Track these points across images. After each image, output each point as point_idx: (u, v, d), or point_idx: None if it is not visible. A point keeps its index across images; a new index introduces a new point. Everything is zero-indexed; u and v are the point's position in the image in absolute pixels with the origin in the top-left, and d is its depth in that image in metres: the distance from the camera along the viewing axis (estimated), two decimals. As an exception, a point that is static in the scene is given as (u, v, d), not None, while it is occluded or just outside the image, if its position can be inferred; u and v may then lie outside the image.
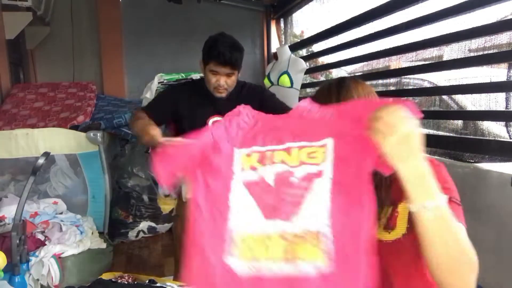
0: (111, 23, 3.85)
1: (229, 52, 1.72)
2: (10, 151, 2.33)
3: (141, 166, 2.92)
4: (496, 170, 1.66)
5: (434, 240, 0.67)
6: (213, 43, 1.75)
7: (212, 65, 1.74)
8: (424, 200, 0.67)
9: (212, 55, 1.72)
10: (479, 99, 1.94)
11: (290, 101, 3.13)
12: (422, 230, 0.68)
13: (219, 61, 1.71)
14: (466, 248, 0.68)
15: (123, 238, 2.70)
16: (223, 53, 1.70)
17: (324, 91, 0.96)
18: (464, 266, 0.67)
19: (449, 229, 0.67)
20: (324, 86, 0.98)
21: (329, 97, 0.92)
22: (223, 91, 1.79)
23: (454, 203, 0.76)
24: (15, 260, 1.58)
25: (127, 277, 1.48)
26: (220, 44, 1.73)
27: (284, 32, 4.37)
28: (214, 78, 1.76)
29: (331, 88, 0.94)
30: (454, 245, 0.67)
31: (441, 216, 0.66)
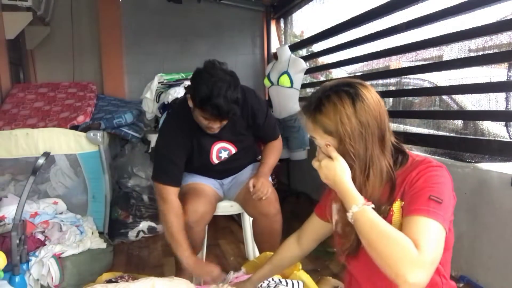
0: (111, 23, 3.85)
1: (226, 103, 1.46)
2: (10, 151, 2.33)
3: (141, 166, 2.92)
4: (496, 170, 1.66)
5: (360, 236, 0.86)
6: (207, 92, 1.45)
7: (204, 114, 1.52)
8: (347, 211, 0.88)
9: (206, 109, 1.48)
10: (479, 99, 1.94)
11: (290, 101, 3.14)
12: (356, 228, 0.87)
13: (214, 114, 1.50)
14: (391, 241, 0.79)
15: (123, 238, 2.70)
16: (218, 107, 1.46)
17: (310, 99, 0.98)
18: (394, 255, 0.78)
19: (367, 228, 0.84)
20: (314, 94, 0.99)
21: (308, 107, 0.96)
22: (216, 131, 1.63)
23: (432, 201, 0.85)
24: (15, 260, 1.58)
25: (127, 277, 1.48)
26: (216, 94, 1.45)
27: (284, 32, 4.37)
28: (205, 122, 1.56)
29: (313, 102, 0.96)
30: (371, 236, 0.82)
31: (356, 220, 0.86)
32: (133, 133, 2.77)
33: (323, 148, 0.95)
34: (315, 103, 0.95)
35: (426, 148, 2.20)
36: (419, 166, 0.93)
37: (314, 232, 1.21)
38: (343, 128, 0.90)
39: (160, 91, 2.89)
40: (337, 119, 0.90)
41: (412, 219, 0.84)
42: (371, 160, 0.91)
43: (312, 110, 0.95)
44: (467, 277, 1.79)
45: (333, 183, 0.92)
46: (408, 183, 0.91)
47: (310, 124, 0.96)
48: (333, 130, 0.91)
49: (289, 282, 1.36)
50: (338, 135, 0.91)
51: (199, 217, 1.69)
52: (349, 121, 0.90)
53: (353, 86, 0.93)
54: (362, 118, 0.90)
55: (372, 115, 0.91)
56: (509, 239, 1.60)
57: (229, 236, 2.75)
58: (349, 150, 0.90)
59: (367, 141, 0.91)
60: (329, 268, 2.17)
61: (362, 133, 0.90)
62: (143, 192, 2.83)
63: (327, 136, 0.93)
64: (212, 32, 4.20)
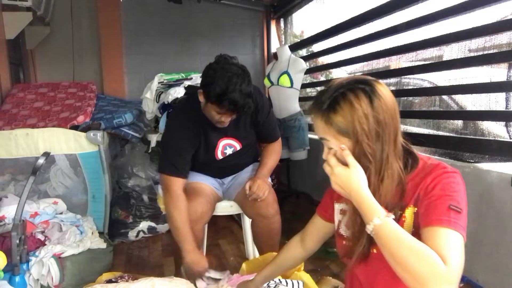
0: (111, 23, 3.85)
1: (241, 97, 1.49)
2: (10, 151, 2.33)
3: (141, 166, 2.92)
4: (496, 170, 1.66)
5: (382, 249, 0.82)
6: (222, 84, 1.47)
7: (219, 109, 1.53)
8: (367, 223, 0.84)
9: (223, 104, 1.49)
10: (479, 99, 1.94)
11: (290, 101, 3.14)
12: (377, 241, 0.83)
13: (231, 109, 1.51)
14: (420, 257, 0.75)
15: (123, 238, 2.70)
16: (235, 102, 1.48)
17: (321, 98, 0.92)
18: (423, 271, 0.74)
19: (392, 242, 0.79)
20: (324, 92, 0.92)
21: (321, 105, 0.90)
22: (226, 124, 1.65)
23: (452, 210, 0.81)
24: (15, 260, 1.58)
25: (127, 277, 1.48)
26: (232, 90, 1.47)
27: (284, 32, 4.37)
28: (218, 116, 1.58)
29: (325, 98, 0.90)
30: (397, 250, 0.78)
31: (378, 233, 0.82)
32: (133, 133, 2.77)
33: (338, 152, 0.90)
34: (329, 101, 0.88)
35: (426, 148, 2.20)
36: (433, 171, 0.89)
37: (317, 233, 1.19)
38: (361, 127, 0.85)
39: (160, 91, 2.89)
40: (354, 118, 0.85)
41: (434, 231, 0.80)
42: (386, 161, 0.88)
43: (325, 109, 0.89)
44: (467, 277, 1.79)
45: (348, 192, 0.88)
46: (423, 189, 0.87)
47: (322, 124, 0.90)
48: (349, 130, 0.86)
49: (289, 282, 1.36)
50: (354, 136, 0.86)
51: (198, 217, 1.69)
52: (367, 120, 0.85)
53: (369, 83, 0.88)
54: (379, 117, 0.86)
55: (389, 114, 0.87)
56: (509, 239, 1.60)
57: (229, 236, 2.75)
58: (367, 150, 0.86)
59: (384, 141, 0.87)
60: (329, 268, 2.17)
61: (379, 132, 0.86)
62: (143, 192, 2.83)
63: (342, 137, 0.88)
64: (212, 32, 4.21)
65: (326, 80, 3.88)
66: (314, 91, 4.04)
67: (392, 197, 0.89)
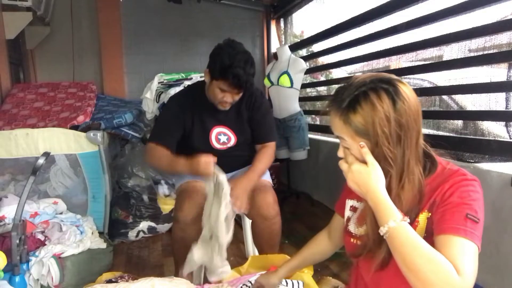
0: (111, 23, 3.85)
1: (245, 73, 1.60)
2: (10, 151, 2.33)
3: (141, 166, 2.92)
4: (496, 170, 1.66)
5: (394, 252, 0.80)
6: (227, 60, 1.58)
7: (222, 84, 1.63)
8: (381, 224, 0.82)
9: (226, 76, 1.59)
10: (479, 99, 1.94)
11: (290, 101, 3.14)
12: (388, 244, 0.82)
13: (233, 83, 1.61)
14: (434, 265, 0.74)
15: (123, 238, 2.70)
16: (239, 76, 1.58)
17: (341, 95, 0.88)
18: (435, 280, 0.73)
19: (406, 247, 0.78)
20: (345, 89, 0.89)
21: (341, 102, 0.87)
22: (227, 106, 1.73)
23: (469, 220, 0.80)
24: (15, 260, 1.58)
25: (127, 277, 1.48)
26: (236, 64, 1.58)
27: (284, 32, 4.37)
28: (221, 95, 1.66)
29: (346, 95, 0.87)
30: (410, 256, 0.76)
31: (392, 236, 0.80)
32: (133, 133, 2.77)
33: (355, 150, 0.87)
34: (349, 100, 0.85)
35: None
36: (452, 177, 0.85)
37: (340, 229, 1.16)
38: (381, 130, 0.81)
39: (160, 91, 2.89)
40: (375, 120, 0.81)
41: (449, 239, 0.78)
42: (407, 166, 0.84)
43: (344, 107, 0.85)
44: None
45: (365, 191, 0.85)
46: (440, 195, 0.84)
47: (340, 123, 0.87)
48: (368, 132, 0.83)
49: (289, 282, 1.36)
50: (374, 138, 0.83)
51: (193, 219, 1.65)
52: (388, 123, 0.81)
53: (392, 83, 0.84)
54: (402, 120, 0.82)
55: (411, 117, 0.83)
56: (509, 239, 1.60)
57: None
58: (387, 154, 0.83)
59: (405, 145, 0.83)
60: (329, 268, 2.17)
61: (401, 136, 0.82)
62: (143, 192, 2.83)
63: (359, 138, 0.85)
64: (212, 32, 4.21)
65: (326, 80, 3.88)
66: (314, 91, 4.04)
67: (411, 202, 0.87)
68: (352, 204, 1.06)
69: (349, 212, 1.06)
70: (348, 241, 1.03)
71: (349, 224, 1.04)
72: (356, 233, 1.00)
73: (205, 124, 1.78)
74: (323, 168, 3.29)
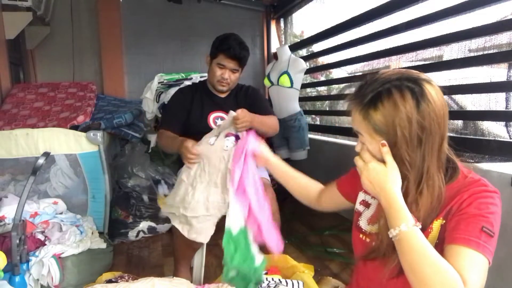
0: (111, 23, 3.85)
1: (239, 48, 1.83)
2: (10, 151, 2.33)
3: (141, 166, 2.92)
4: (496, 170, 1.66)
5: (401, 257, 0.79)
6: (224, 38, 1.85)
7: (220, 58, 1.84)
8: (392, 226, 0.80)
9: (223, 48, 1.82)
10: (479, 99, 1.94)
11: (290, 101, 3.14)
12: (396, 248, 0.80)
13: (229, 54, 1.81)
14: (441, 274, 0.72)
15: (123, 238, 2.70)
16: (234, 48, 1.81)
17: (364, 90, 0.85)
18: (434, 285, 0.72)
19: (415, 253, 0.76)
20: (369, 84, 0.85)
21: (363, 98, 0.84)
22: (225, 85, 1.90)
23: (484, 233, 0.78)
24: (15, 260, 1.58)
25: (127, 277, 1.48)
26: (232, 40, 1.83)
27: (284, 32, 4.37)
28: (220, 71, 1.86)
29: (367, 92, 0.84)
30: (418, 264, 0.75)
31: (401, 240, 0.78)
32: (133, 133, 2.77)
33: (372, 147, 0.84)
34: (371, 96, 0.81)
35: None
36: (472, 186, 0.83)
37: (331, 199, 1.16)
38: (401, 132, 0.78)
39: (160, 91, 2.89)
40: (395, 120, 0.78)
41: (460, 250, 0.76)
42: (427, 173, 0.81)
43: (365, 103, 0.82)
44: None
45: (379, 190, 0.82)
46: (458, 204, 0.81)
47: (359, 118, 0.84)
48: (388, 131, 0.80)
49: (289, 282, 1.36)
50: (393, 138, 0.80)
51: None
52: (409, 125, 0.78)
53: (419, 83, 0.80)
54: (424, 123, 0.78)
55: (436, 121, 0.80)
56: (509, 239, 1.60)
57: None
58: (405, 158, 0.80)
59: (426, 150, 0.80)
60: (329, 268, 2.17)
61: (422, 140, 0.79)
62: (143, 192, 2.83)
63: (378, 136, 0.82)
64: (212, 32, 4.15)
65: (326, 80, 3.88)
66: (314, 91, 4.04)
67: (428, 209, 0.84)
68: (364, 198, 1.02)
69: (360, 206, 1.03)
70: (357, 236, 1.01)
71: (359, 219, 1.01)
72: (366, 230, 0.98)
73: (205, 108, 1.94)
74: (323, 168, 3.29)
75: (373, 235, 0.96)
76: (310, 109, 3.99)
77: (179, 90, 2.09)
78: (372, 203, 1.00)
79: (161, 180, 2.92)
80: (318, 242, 2.57)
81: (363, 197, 1.03)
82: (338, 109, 3.56)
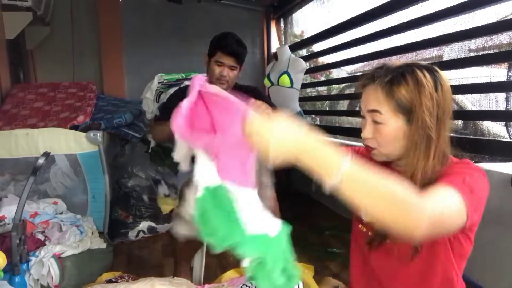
0: (111, 23, 3.85)
1: (236, 45, 1.85)
2: (10, 151, 2.33)
3: (141, 166, 2.92)
4: (496, 170, 1.66)
5: (353, 199, 0.64)
6: (222, 35, 1.88)
7: (218, 56, 1.84)
8: (328, 175, 0.63)
9: (220, 45, 1.84)
10: (479, 99, 1.94)
11: (290, 101, 3.14)
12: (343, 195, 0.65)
13: (226, 51, 1.83)
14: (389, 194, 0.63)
15: (123, 238, 2.70)
16: (231, 45, 1.83)
17: (383, 70, 0.88)
18: (394, 208, 0.64)
19: (361, 191, 0.64)
20: (385, 67, 0.88)
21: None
22: (224, 83, 1.88)
23: (466, 184, 0.76)
24: (15, 260, 1.58)
25: (127, 277, 1.48)
26: (230, 38, 1.86)
27: (284, 32, 4.37)
28: (218, 69, 1.86)
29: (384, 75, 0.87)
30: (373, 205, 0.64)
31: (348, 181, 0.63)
32: (133, 133, 2.77)
33: (390, 126, 0.85)
34: (394, 74, 0.85)
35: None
36: (460, 163, 0.87)
37: None
38: (425, 105, 0.81)
39: (160, 91, 2.89)
40: (420, 95, 0.82)
41: (437, 187, 0.73)
42: (438, 141, 0.84)
43: (389, 80, 0.84)
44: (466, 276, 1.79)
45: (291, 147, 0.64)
46: (445, 174, 0.82)
47: (381, 95, 0.85)
48: (411, 107, 0.82)
49: (289, 282, 1.36)
50: (416, 113, 0.82)
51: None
52: (432, 101, 0.82)
53: (433, 70, 0.87)
54: (440, 101, 0.84)
55: (448, 103, 0.86)
56: (509, 239, 1.60)
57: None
58: (430, 126, 0.82)
59: (441, 125, 0.85)
60: (329, 268, 2.17)
61: (439, 115, 0.84)
62: (143, 192, 2.83)
63: (399, 114, 0.84)
64: (212, 32, 4.13)
65: (326, 80, 3.88)
66: (314, 91, 4.04)
67: (427, 180, 0.83)
68: None
69: None
70: (357, 228, 1.01)
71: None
72: (364, 220, 0.98)
73: None
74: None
75: (372, 226, 0.95)
76: (310, 109, 3.99)
77: (179, 89, 2.09)
78: None
79: (161, 180, 2.92)
80: (318, 242, 2.57)
81: None
82: (338, 109, 3.56)
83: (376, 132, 0.88)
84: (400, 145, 0.87)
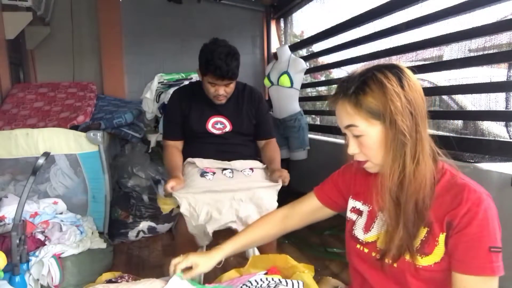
0: (111, 23, 3.85)
1: (226, 64, 1.70)
2: (10, 151, 2.33)
3: (141, 166, 2.92)
4: (496, 170, 1.66)
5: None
6: (209, 55, 1.71)
7: (210, 77, 1.76)
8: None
9: (209, 69, 1.72)
10: (479, 99, 1.94)
11: (290, 101, 3.14)
12: None
13: (217, 75, 1.72)
14: None
15: (123, 238, 2.70)
16: (220, 67, 1.69)
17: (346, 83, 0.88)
18: None
19: None
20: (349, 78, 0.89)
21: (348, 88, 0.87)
22: (222, 99, 1.83)
23: (493, 253, 0.79)
24: (15, 260, 1.58)
25: (127, 277, 1.48)
26: (216, 57, 1.69)
27: (284, 32, 4.37)
28: (213, 89, 1.79)
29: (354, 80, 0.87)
30: None
31: None
32: (133, 133, 2.77)
33: (371, 135, 0.85)
34: (356, 84, 0.84)
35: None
36: (468, 198, 0.82)
37: (309, 214, 1.14)
38: (394, 105, 0.81)
39: (160, 91, 2.89)
40: (387, 97, 0.81)
41: (476, 281, 0.78)
42: (420, 141, 0.83)
43: (352, 92, 0.84)
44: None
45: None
46: (457, 219, 0.80)
47: (350, 109, 0.85)
48: (381, 111, 0.82)
49: (289, 282, 1.36)
50: (388, 116, 0.81)
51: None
52: (399, 98, 0.81)
53: (395, 66, 0.86)
54: (409, 96, 0.83)
55: (418, 93, 0.85)
56: (509, 239, 1.60)
57: (229, 235, 2.74)
58: (402, 127, 0.81)
59: (416, 120, 0.83)
60: (329, 268, 2.17)
61: (412, 111, 0.83)
62: (143, 192, 2.83)
63: (374, 120, 0.83)
64: (212, 32, 4.15)
65: (326, 80, 3.88)
66: (314, 91, 4.04)
67: (422, 190, 0.83)
68: (354, 205, 1.01)
69: (352, 214, 1.01)
70: (353, 247, 0.98)
71: (354, 228, 0.99)
72: (363, 240, 0.95)
73: (204, 112, 1.89)
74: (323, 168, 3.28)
75: (371, 244, 0.93)
76: (310, 109, 3.99)
77: (175, 92, 2.01)
78: (363, 209, 0.98)
79: (161, 180, 2.92)
80: (318, 242, 2.57)
81: (353, 204, 1.01)
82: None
83: (361, 146, 0.87)
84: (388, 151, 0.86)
